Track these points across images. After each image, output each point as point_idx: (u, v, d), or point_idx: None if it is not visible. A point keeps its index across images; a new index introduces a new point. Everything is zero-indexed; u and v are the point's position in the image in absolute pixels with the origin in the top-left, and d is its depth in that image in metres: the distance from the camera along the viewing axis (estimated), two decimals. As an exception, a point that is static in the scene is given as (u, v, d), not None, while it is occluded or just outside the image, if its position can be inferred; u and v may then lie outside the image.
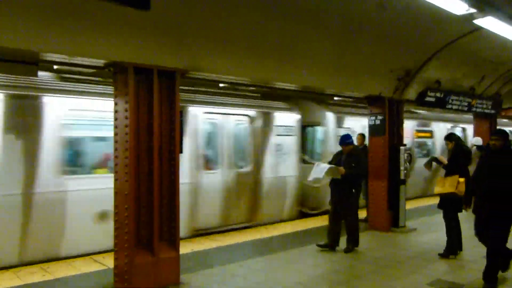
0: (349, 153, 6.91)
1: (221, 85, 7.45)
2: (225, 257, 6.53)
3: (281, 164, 9.60)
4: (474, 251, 6.74)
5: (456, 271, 5.97)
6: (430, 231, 8.46)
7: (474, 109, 10.98)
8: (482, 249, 6.85)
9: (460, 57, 9.02)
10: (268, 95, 9.66)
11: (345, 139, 6.96)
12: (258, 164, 9.17)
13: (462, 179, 6.41)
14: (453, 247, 6.55)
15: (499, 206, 4.94)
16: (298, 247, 7.20)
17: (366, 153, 8.70)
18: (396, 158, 8.54)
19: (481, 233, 5.36)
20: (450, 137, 6.84)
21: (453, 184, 6.40)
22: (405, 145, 8.79)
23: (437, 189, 6.63)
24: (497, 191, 4.96)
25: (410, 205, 11.09)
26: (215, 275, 5.70)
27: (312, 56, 6.88)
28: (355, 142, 8.37)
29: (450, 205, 6.56)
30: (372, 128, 8.78)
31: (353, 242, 6.99)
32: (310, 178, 6.79)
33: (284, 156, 9.64)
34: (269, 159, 9.39)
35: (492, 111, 11.76)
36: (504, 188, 4.91)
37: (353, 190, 7.00)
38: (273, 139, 9.44)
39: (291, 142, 9.81)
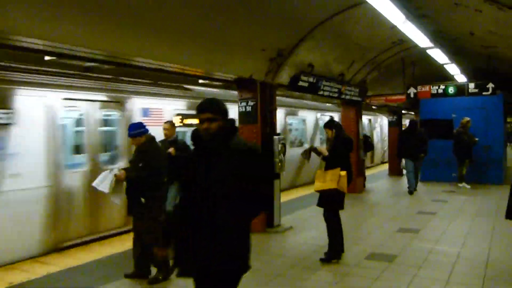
0: (137, 149, 5.08)
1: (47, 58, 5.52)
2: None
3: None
4: (356, 252, 6.07)
5: (344, 278, 5.15)
6: (307, 228, 7.72)
7: (343, 96, 10.65)
8: (361, 248, 6.29)
9: (333, 39, 8.41)
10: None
11: (131, 129, 5.02)
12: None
13: (343, 173, 5.62)
14: (336, 250, 5.76)
15: None
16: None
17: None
18: (270, 148, 7.57)
19: None
20: (330, 124, 6.01)
21: (335, 179, 5.57)
22: (279, 134, 7.88)
23: (317, 185, 5.75)
24: None
25: (282, 197, 10.39)
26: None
27: (176, 28, 5.44)
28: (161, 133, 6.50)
29: (331, 203, 5.75)
30: (243, 115, 7.66)
31: (160, 270, 5.00)
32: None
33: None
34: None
35: (359, 99, 11.66)
36: None
37: (150, 200, 4.94)
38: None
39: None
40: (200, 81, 8.11)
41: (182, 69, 6.26)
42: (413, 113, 21.55)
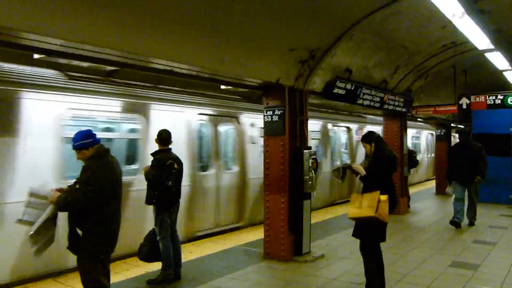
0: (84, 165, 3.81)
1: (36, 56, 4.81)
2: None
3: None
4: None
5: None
6: (341, 257, 6.64)
7: (386, 106, 9.52)
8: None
9: (374, 39, 7.36)
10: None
11: (74, 139, 3.84)
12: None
13: (384, 197, 4.55)
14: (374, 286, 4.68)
15: None
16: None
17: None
18: (299, 165, 6.59)
19: None
20: (368, 137, 4.96)
21: (373, 205, 4.51)
22: (310, 148, 6.87)
23: (352, 211, 4.70)
24: None
25: (313, 219, 9.33)
26: None
27: (185, 23, 4.63)
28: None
29: (369, 234, 4.69)
30: (268, 125, 6.73)
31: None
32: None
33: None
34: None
35: (403, 109, 10.46)
36: None
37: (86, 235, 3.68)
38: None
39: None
40: (222, 87, 7.26)
41: (195, 71, 5.41)
42: (462, 127, 19.90)
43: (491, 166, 11.52)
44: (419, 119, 14.84)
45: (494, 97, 11.02)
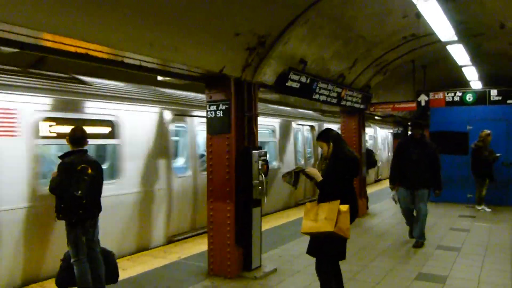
0: None
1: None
2: None
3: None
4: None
5: None
6: (296, 270, 5.87)
7: (343, 102, 8.86)
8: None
9: (332, 27, 6.64)
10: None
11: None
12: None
13: (345, 207, 3.79)
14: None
15: None
16: None
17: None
18: (248, 168, 5.74)
19: None
20: (325, 136, 4.17)
21: (332, 217, 3.73)
22: (260, 147, 6.04)
23: (306, 225, 3.90)
24: None
25: (265, 225, 8.55)
26: None
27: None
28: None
29: (326, 252, 3.91)
30: (212, 122, 5.83)
31: None
32: None
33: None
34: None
35: (362, 106, 9.87)
36: None
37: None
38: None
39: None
40: (159, 78, 6.28)
41: (113, 54, 4.40)
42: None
43: (448, 165, 11.25)
44: (376, 117, 14.43)
45: (452, 94, 10.66)
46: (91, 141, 4.94)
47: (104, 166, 7.47)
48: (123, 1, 3.83)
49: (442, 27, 6.57)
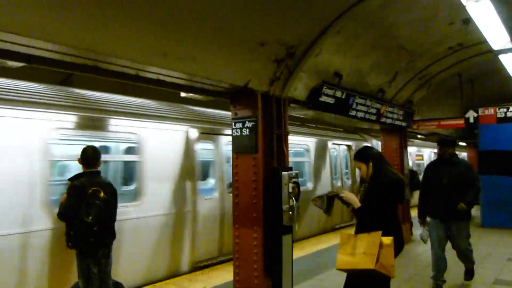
0: None
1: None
2: None
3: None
4: None
5: None
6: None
7: (383, 119, 8.20)
8: None
9: (369, 35, 6.07)
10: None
11: None
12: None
13: (388, 240, 3.17)
14: None
15: None
16: None
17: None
18: (277, 191, 5.19)
19: None
20: (363, 154, 3.59)
21: (372, 252, 3.12)
22: (290, 168, 5.49)
23: (342, 260, 3.31)
24: None
25: (299, 251, 7.91)
26: None
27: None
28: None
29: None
30: (237, 141, 5.36)
31: None
32: None
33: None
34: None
35: (404, 124, 9.14)
36: None
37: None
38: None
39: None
40: (182, 94, 5.90)
41: (125, 66, 4.03)
42: (464, 143, 18.60)
43: (499, 187, 10.25)
44: (419, 135, 13.54)
45: (505, 110, 9.76)
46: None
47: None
48: (128, 4, 3.44)
49: (495, 33, 5.85)
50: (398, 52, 7.04)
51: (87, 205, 3.97)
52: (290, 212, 5.15)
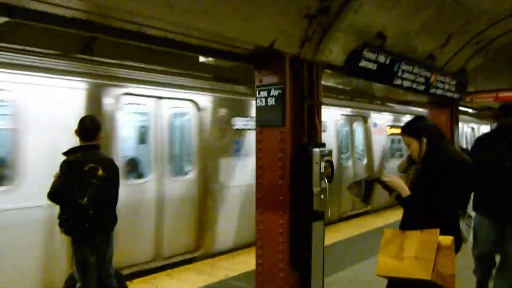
0: None
1: None
2: None
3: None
4: None
5: None
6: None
7: (432, 89, 7.20)
8: None
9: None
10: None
11: None
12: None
13: (447, 240, 2.39)
14: None
15: None
16: None
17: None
18: (307, 170, 4.45)
19: None
20: (414, 127, 2.78)
21: (428, 257, 2.36)
22: (323, 145, 4.71)
23: (384, 264, 2.57)
24: None
25: (332, 238, 7.20)
26: None
27: None
28: None
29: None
30: (262, 112, 4.63)
31: None
32: None
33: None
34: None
35: (456, 96, 8.08)
36: None
37: None
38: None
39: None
40: (201, 59, 5.19)
41: (125, 21, 3.36)
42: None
43: None
44: (470, 110, 12.28)
45: None
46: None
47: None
48: None
49: None
50: (453, 10, 5.99)
51: (82, 185, 3.40)
52: (322, 196, 4.42)
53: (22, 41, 4.96)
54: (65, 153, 3.61)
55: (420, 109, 11.84)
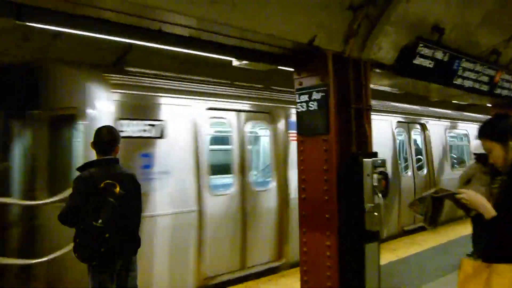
0: None
1: None
2: None
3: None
4: None
5: None
6: None
7: (497, 89, 6.39)
8: None
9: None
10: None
11: None
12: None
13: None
14: None
15: None
16: None
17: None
18: (356, 184, 3.87)
19: None
20: (496, 128, 2.16)
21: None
22: (375, 154, 4.12)
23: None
24: None
25: (387, 256, 6.46)
26: None
27: None
28: None
29: None
30: (303, 118, 4.12)
31: None
32: None
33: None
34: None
35: (523, 96, 7.18)
36: None
37: None
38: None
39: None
40: (235, 63, 4.75)
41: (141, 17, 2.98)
42: None
43: None
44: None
45: None
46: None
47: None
48: None
49: None
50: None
51: (97, 204, 3.01)
52: (376, 213, 3.82)
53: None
54: (79, 169, 3.26)
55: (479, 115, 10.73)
